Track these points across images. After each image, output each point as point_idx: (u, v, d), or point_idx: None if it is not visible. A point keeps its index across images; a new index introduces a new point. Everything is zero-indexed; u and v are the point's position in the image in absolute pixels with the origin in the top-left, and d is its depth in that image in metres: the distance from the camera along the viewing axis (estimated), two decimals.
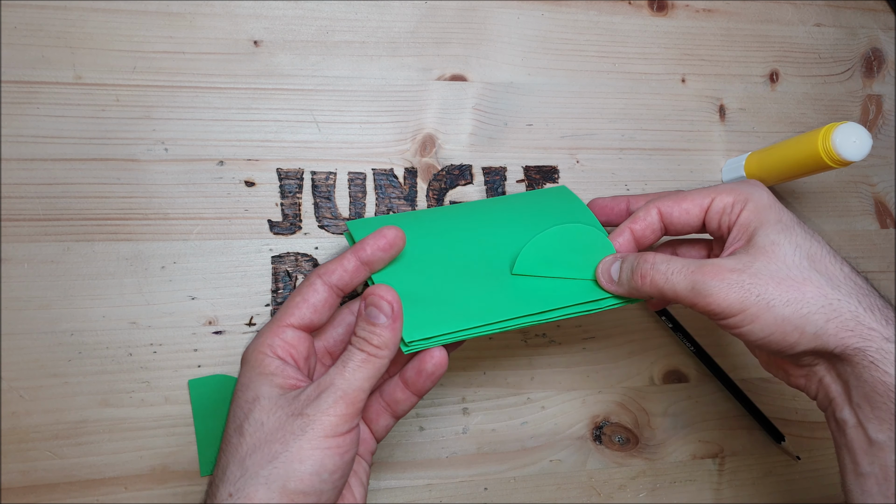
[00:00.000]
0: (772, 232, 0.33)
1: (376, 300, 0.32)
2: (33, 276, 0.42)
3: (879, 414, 0.30)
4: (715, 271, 0.32)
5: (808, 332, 0.31)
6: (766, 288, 0.31)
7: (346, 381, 0.31)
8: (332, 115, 0.47)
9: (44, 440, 0.41)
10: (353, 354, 0.32)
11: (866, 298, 0.31)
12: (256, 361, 0.33)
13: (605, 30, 0.53)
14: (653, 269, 0.34)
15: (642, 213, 0.37)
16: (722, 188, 0.36)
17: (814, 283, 0.31)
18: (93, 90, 0.44)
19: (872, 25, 0.59)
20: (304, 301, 0.35)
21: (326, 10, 0.48)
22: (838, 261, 0.33)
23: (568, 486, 0.48)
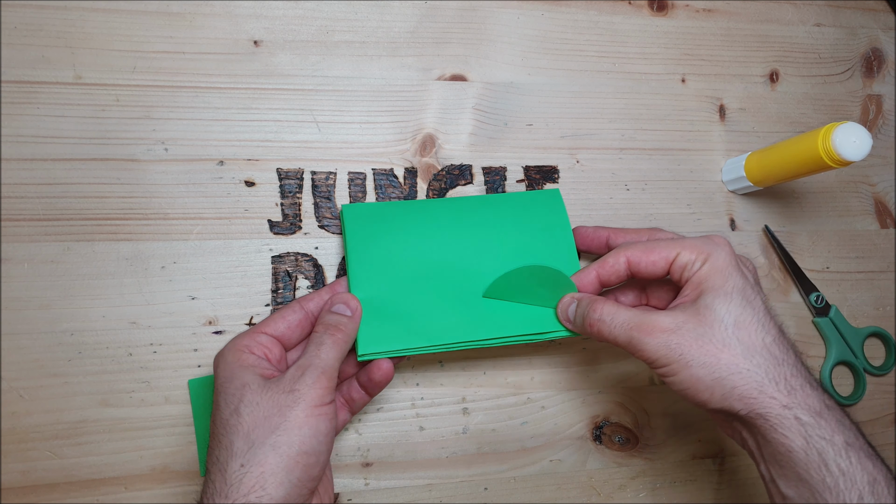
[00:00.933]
0: (711, 297, 0.37)
1: (343, 298, 0.40)
2: (33, 276, 0.42)
3: (786, 472, 0.35)
4: (649, 329, 0.37)
5: (717, 393, 0.35)
6: (689, 349, 0.36)
7: (322, 360, 0.36)
8: (332, 115, 0.47)
9: (44, 440, 0.41)
10: (324, 338, 0.37)
11: (777, 369, 0.35)
12: (234, 357, 0.36)
13: (605, 30, 0.53)
14: (599, 321, 0.39)
15: (611, 260, 0.41)
16: (687, 243, 0.39)
17: (730, 351, 0.36)
18: (93, 90, 0.44)
19: (872, 25, 0.59)
20: (281, 317, 0.39)
21: (326, 10, 0.48)
22: (764, 329, 0.36)
23: (568, 486, 0.48)
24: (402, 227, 0.44)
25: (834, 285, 0.55)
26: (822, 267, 0.55)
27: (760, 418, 0.35)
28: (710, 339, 0.36)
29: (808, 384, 0.35)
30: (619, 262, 0.41)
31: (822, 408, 0.35)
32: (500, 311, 0.43)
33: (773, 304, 0.39)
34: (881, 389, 0.55)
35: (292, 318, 0.39)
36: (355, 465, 0.45)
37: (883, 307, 0.56)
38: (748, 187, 0.52)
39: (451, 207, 0.45)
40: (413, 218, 0.44)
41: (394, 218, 0.44)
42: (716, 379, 0.35)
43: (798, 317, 0.54)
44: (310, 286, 0.45)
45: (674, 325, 0.37)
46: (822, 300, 0.53)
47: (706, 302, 0.37)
